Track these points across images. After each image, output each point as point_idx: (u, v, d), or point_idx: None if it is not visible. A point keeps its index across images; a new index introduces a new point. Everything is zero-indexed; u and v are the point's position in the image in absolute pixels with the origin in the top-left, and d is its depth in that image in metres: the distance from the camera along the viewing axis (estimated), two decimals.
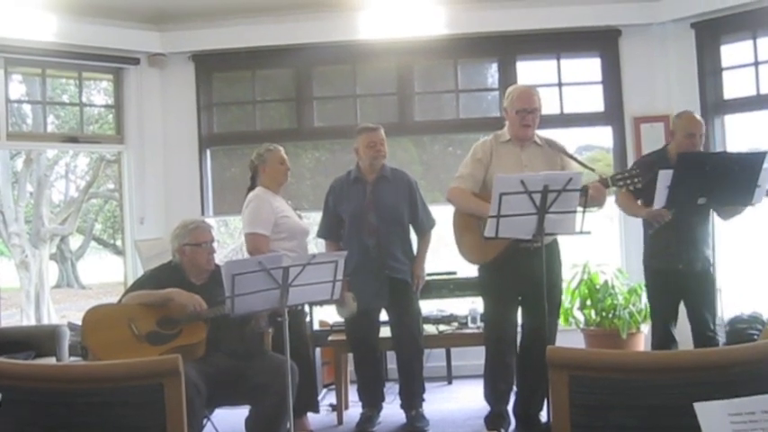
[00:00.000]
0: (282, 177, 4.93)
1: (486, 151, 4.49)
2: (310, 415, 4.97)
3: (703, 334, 4.63)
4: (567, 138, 5.75)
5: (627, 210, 4.84)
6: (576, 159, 4.51)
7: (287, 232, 4.77)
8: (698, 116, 4.79)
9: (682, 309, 4.80)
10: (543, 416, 4.52)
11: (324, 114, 6.84)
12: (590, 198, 4.04)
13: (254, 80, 6.88)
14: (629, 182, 4.19)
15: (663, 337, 4.75)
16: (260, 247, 4.62)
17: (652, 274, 4.84)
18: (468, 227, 4.42)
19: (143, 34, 6.52)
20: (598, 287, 5.97)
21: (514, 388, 4.68)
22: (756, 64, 6.08)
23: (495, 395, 4.63)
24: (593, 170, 4.41)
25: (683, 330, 4.80)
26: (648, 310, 5.79)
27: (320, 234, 5.15)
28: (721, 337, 4.81)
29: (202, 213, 6.59)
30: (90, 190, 14.14)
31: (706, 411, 1.63)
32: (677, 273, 4.65)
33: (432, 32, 6.31)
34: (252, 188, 4.94)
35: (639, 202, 4.66)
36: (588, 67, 6.68)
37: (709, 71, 6.25)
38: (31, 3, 5.75)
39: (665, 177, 4.23)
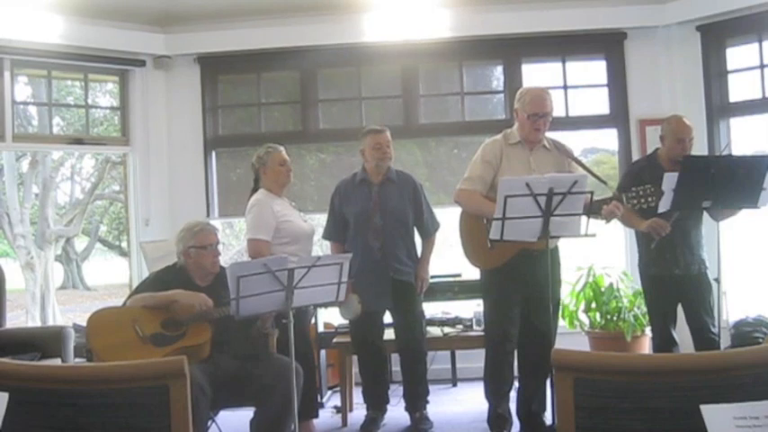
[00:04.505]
0: (284, 179, 4.94)
1: (496, 153, 4.46)
2: None
3: (704, 336, 4.63)
4: (573, 140, 5.74)
5: (626, 222, 4.71)
6: (585, 167, 4.41)
7: (289, 237, 4.78)
8: (687, 120, 4.70)
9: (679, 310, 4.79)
10: (548, 418, 4.52)
11: (329, 117, 6.85)
12: (607, 213, 4.06)
13: (259, 82, 6.89)
14: (642, 201, 4.07)
15: (664, 340, 4.74)
16: (262, 253, 4.61)
17: (649, 281, 4.84)
18: (474, 231, 4.39)
19: (148, 36, 6.54)
20: (603, 290, 5.97)
21: (515, 385, 4.68)
22: (762, 67, 6.08)
23: (495, 393, 4.63)
24: (604, 183, 4.35)
25: (683, 331, 4.79)
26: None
27: (325, 236, 5.15)
28: (725, 340, 4.78)
29: (207, 215, 6.60)
30: (95, 191, 14.19)
31: (712, 414, 1.64)
32: (674, 278, 4.66)
33: (437, 35, 6.32)
34: (255, 190, 4.96)
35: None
36: (594, 70, 6.68)
37: (715, 74, 6.25)
38: (37, 5, 5.77)
39: (670, 180, 4.21)
